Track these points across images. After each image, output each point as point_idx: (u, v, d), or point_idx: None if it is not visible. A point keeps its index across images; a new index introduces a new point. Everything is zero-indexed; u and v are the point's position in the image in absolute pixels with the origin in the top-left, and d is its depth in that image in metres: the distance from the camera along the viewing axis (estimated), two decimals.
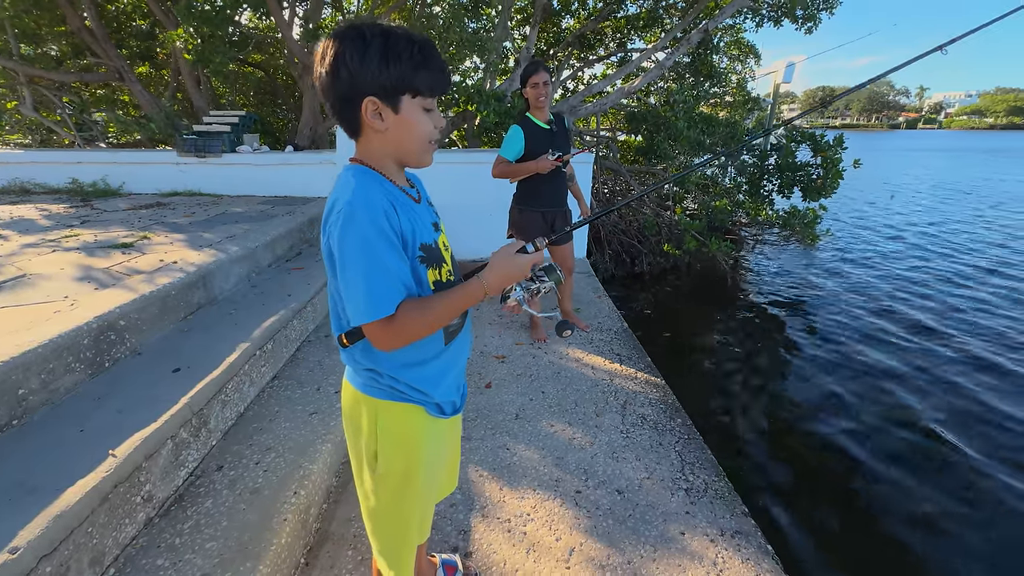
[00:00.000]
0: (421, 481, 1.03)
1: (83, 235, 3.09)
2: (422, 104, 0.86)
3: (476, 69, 7.94)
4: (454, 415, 1.07)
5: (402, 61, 0.81)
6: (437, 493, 1.21)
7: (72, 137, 7.32)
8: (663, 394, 2.52)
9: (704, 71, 7.55)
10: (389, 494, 1.02)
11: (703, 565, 1.55)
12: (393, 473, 1.00)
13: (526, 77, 2.62)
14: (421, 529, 1.12)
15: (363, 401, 0.98)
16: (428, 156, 0.93)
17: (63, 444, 1.42)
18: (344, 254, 0.81)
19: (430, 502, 1.13)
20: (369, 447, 0.99)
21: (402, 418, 0.98)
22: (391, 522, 1.06)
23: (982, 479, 2.70)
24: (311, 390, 2.22)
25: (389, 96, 0.83)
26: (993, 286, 5.85)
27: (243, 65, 8.31)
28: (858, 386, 3.63)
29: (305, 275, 3.08)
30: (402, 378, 0.95)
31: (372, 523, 1.07)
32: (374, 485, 1.01)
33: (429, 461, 1.03)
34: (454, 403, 1.06)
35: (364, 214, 0.81)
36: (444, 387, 1.01)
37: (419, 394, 0.97)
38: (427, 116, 0.88)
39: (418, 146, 0.89)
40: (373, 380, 0.96)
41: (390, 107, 0.84)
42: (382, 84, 0.82)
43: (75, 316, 1.79)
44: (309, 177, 4.87)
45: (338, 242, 0.81)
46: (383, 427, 0.98)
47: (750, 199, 5.94)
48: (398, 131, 0.86)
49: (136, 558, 1.34)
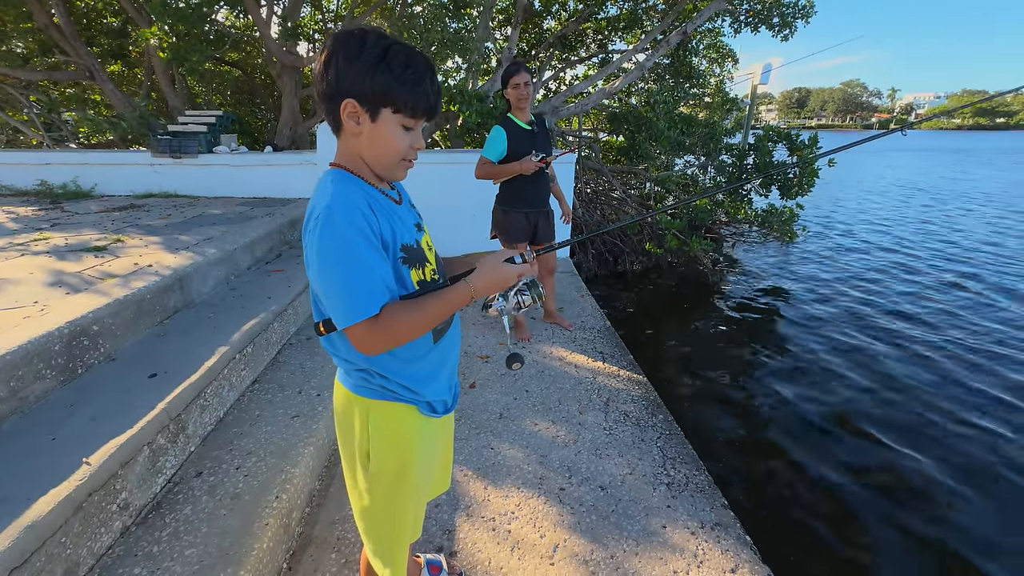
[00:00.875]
0: (415, 480, 1.03)
1: (53, 238, 3.00)
2: (402, 121, 0.86)
3: (458, 69, 7.92)
4: (446, 414, 1.08)
5: (391, 73, 0.81)
6: (431, 491, 1.21)
7: (40, 137, 7.09)
8: (645, 391, 2.55)
9: (684, 72, 7.66)
10: (383, 493, 1.02)
11: (684, 557, 1.58)
12: (386, 472, 1.00)
13: (507, 78, 2.63)
14: (415, 528, 1.12)
15: (355, 402, 0.98)
16: (401, 172, 0.93)
17: (34, 453, 1.38)
18: (324, 257, 0.81)
19: (423, 500, 1.13)
20: (362, 447, 1.00)
21: (394, 417, 0.99)
22: (385, 521, 1.06)
23: (956, 465, 2.80)
24: (293, 393, 2.20)
25: (369, 103, 0.83)
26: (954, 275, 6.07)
27: (220, 64, 8.15)
28: (836, 380, 3.74)
29: (285, 277, 3.05)
30: (393, 377, 0.96)
31: (365, 523, 1.07)
32: (368, 485, 1.02)
33: (422, 460, 1.04)
34: (446, 402, 1.07)
35: (343, 216, 0.81)
36: (435, 386, 1.02)
37: (410, 393, 0.98)
38: (405, 134, 0.88)
39: (389, 160, 0.89)
40: (364, 380, 0.97)
41: (368, 114, 0.84)
42: (364, 90, 0.82)
43: (46, 322, 1.75)
44: (289, 178, 4.81)
45: (318, 245, 0.81)
46: (375, 427, 0.98)
47: (729, 198, 6.06)
48: (372, 139, 0.87)
49: (112, 568, 1.31)
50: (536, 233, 2.91)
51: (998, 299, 5.43)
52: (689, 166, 6.96)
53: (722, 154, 6.23)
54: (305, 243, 0.86)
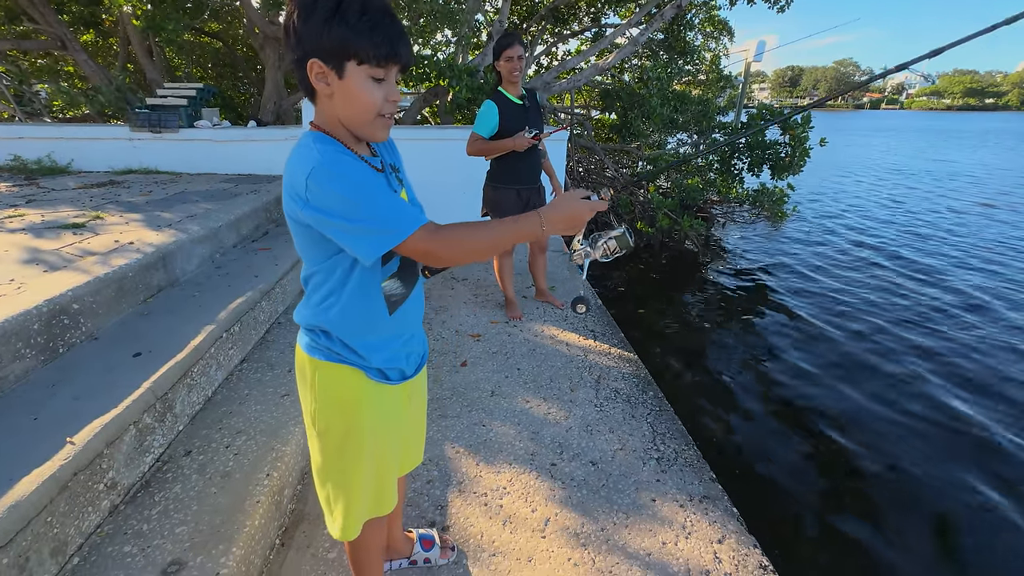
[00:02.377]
0: (367, 445, 1.02)
1: (29, 215, 2.90)
2: (370, 72, 0.81)
3: (447, 43, 7.70)
4: (402, 382, 1.05)
5: (347, 24, 0.77)
6: (400, 466, 1.20)
7: (11, 110, 6.81)
8: (636, 368, 2.57)
9: (678, 47, 7.53)
10: (329, 453, 1.03)
11: (672, 528, 1.61)
12: (332, 433, 1.01)
13: (500, 50, 2.55)
14: (379, 500, 1.10)
15: (307, 361, 0.99)
16: (381, 131, 0.88)
17: (15, 433, 1.35)
18: (349, 193, 0.79)
19: (388, 472, 1.10)
20: (310, 406, 1.01)
21: (338, 379, 0.98)
22: (336, 482, 1.06)
23: (939, 437, 2.88)
24: (282, 372, 2.18)
25: (332, 60, 0.80)
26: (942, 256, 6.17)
27: (199, 35, 7.83)
28: (823, 357, 3.80)
29: (272, 256, 2.99)
30: (338, 336, 0.96)
31: (317, 480, 1.08)
32: (319, 444, 1.03)
33: (373, 426, 1.03)
34: (402, 371, 1.05)
35: (339, 164, 0.80)
36: (386, 354, 1.00)
37: (356, 357, 0.97)
38: (377, 86, 0.83)
39: (366, 117, 0.85)
40: (314, 340, 0.98)
41: (334, 71, 0.81)
42: (323, 46, 0.78)
43: (23, 300, 1.69)
44: (274, 154, 4.68)
45: (338, 188, 0.78)
46: (321, 387, 0.99)
47: (721, 177, 6.04)
48: (344, 98, 0.83)
49: (101, 546, 1.31)
50: (528, 210, 2.87)
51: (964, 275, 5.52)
52: (682, 144, 6.90)
53: (715, 132, 6.18)
54: (299, 206, 0.82)
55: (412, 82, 5.65)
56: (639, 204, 6.46)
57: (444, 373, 2.48)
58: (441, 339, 2.83)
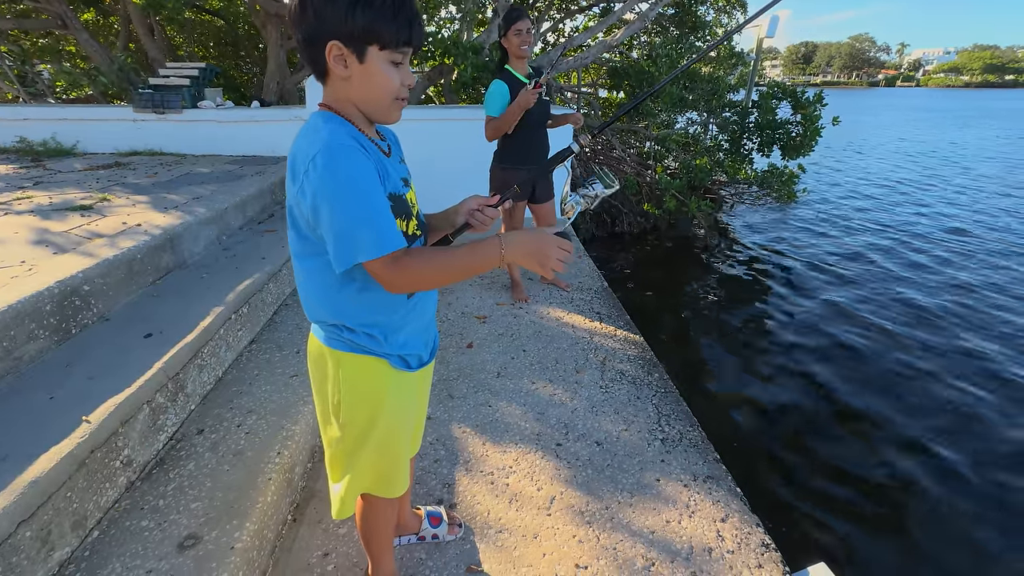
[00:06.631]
0: (385, 431, 1.04)
1: (36, 197, 2.91)
2: (390, 57, 0.81)
3: (452, 19, 7.54)
4: (420, 368, 1.07)
5: (372, 8, 0.76)
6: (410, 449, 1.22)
7: (15, 91, 6.78)
8: (641, 350, 2.58)
9: (689, 23, 7.32)
10: (348, 442, 1.04)
11: (676, 508, 1.63)
12: (355, 424, 1.02)
13: (509, 23, 2.48)
14: (392, 483, 1.12)
15: (328, 353, 0.99)
16: (395, 113, 0.88)
17: (33, 412, 1.38)
18: (338, 193, 0.77)
19: (402, 456, 1.12)
20: (333, 397, 1.01)
21: (364, 370, 0.99)
22: (352, 467, 1.07)
23: (943, 416, 2.89)
24: (291, 353, 2.20)
25: (354, 44, 0.78)
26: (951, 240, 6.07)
27: (200, 13, 7.71)
28: (828, 338, 3.79)
29: (279, 237, 2.99)
30: (360, 328, 0.95)
31: (330, 456, 1.09)
32: (339, 433, 1.04)
33: (394, 413, 1.04)
34: (420, 356, 1.06)
35: (343, 153, 0.78)
36: (405, 339, 1.01)
37: (378, 345, 0.97)
38: (395, 70, 0.83)
39: (384, 101, 0.85)
40: (336, 333, 0.97)
41: (355, 55, 0.79)
42: (347, 30, 0.77)
43: (35, 281, 1.71)
44: (278, 135, 4.65)
45: (323, 184, 0.77)
46: (345, 379, 0.99)
47: (730, 157, 5.93)
48: (362, 82, 0.82)
49: (120, 520, 1.35)
50: (535, 191, 2.85)
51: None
52: (691, 124, 6.77)
53: (725, 111, 6.05)
54: (296, 189, 0.82)
55: (416, 61, 5.56)
56: (647, 185, 6.38)
57: (451, 354, 2.50)
58: (448, 321, 2.85)
